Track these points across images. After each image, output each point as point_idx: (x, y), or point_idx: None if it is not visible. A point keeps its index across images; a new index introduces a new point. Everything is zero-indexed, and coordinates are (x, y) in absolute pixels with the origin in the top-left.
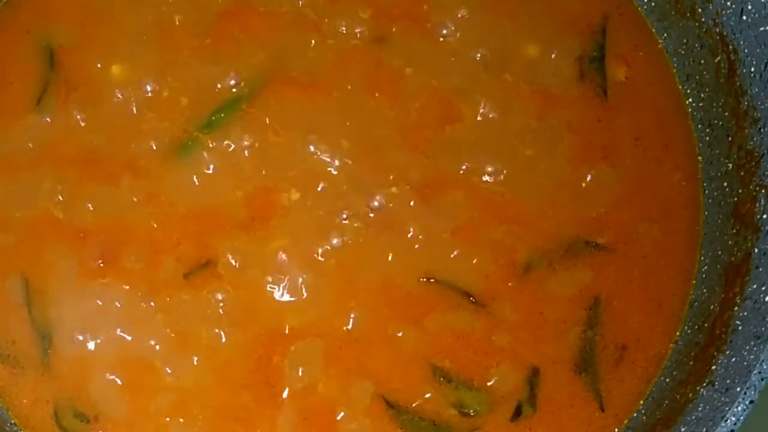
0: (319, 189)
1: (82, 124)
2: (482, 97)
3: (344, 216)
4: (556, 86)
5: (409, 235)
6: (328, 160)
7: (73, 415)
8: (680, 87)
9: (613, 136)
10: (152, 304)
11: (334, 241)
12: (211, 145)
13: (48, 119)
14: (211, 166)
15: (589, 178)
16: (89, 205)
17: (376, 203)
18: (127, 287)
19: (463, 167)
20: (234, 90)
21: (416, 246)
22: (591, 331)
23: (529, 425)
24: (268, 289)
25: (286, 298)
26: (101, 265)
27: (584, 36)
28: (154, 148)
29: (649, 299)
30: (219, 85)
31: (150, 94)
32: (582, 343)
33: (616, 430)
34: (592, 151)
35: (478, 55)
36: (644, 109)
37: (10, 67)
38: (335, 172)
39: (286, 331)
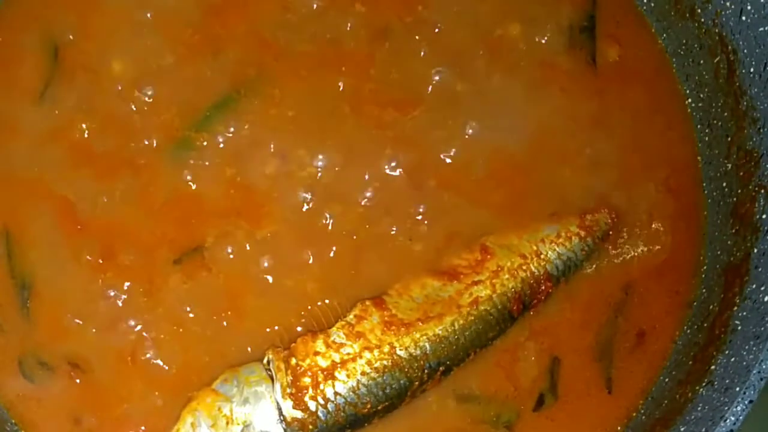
0: (316, 180)
1: (83, 120)
2: (479, 66)
3: (337, 205)
4: (549, 59)
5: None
6: (321, 153)
7: (38, 364)
8: (680, 87)
9: (611, 137)
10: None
11: (329, 228)
12: (204, 143)
13: (50, 113)
14: (206, 162)
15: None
16: (88, 199)
17: (369, 193)
18: (128, 284)
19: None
20: (228, 86)
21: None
22: (620, 317)
23: (550, 415)
24: (265, 279)
25: (284, 287)
26: (100, 262)
27: (575, 5)
28: (151, 144)
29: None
30: (213, 82)
31: (147, 92)
32: (605, 329)
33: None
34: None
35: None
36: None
37: (14, 60)
38: (328, 164)
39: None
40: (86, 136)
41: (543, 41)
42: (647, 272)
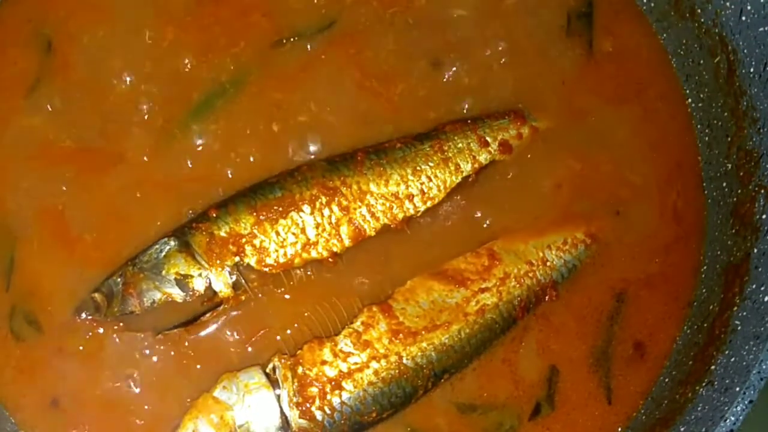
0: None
1: (76, 114)
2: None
3: None
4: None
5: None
6: (320, 142)
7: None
8: (680, 87)
9: (610, 138)
10: None
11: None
12: (198, 134)
13: (41, 108)
14: (200, 152)
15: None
16: (84, 194)
17: None
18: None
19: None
20: (221, 78)
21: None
22: (616, 326)
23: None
24: None
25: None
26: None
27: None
28: (144, 137)
29: (666, 295)
30: (205, 74)
31: (139, 85)
32: (603, 338)
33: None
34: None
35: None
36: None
37: (7, 57)
38: (327, 153)
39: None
40: (81, 133)
41: (542, 32)
42: (645, 275)
